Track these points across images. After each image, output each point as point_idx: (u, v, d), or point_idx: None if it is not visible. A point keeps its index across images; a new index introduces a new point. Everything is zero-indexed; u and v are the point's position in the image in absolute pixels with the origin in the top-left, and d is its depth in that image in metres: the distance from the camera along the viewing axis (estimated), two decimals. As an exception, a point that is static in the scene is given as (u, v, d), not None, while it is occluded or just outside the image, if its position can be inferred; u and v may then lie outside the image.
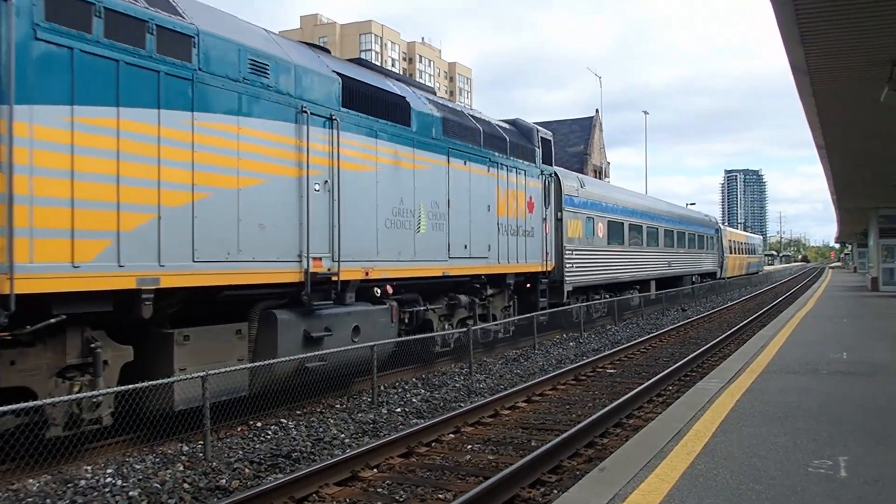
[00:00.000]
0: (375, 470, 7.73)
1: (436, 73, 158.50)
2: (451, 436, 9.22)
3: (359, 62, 13.63)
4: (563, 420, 10.09)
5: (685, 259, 34.64)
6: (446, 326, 14.70)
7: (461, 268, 14.41)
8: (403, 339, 12.79)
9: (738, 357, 11.74)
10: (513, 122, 18.32)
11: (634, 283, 27.06)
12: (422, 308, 13.75)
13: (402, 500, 6.82)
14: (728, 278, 46.34)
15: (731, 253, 48.52)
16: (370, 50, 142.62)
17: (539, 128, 18.50)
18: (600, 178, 58.30)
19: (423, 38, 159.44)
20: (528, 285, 17.98)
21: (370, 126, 11.92)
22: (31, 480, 7.17)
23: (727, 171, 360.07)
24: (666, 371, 13.13)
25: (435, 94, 15.67)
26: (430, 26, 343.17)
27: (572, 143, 56.72)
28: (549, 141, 19.02)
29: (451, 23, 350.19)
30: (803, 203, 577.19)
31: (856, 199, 31.04)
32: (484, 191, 15.37)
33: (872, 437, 6.37)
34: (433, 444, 8.83)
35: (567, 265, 19.97)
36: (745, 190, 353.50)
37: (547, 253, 18.34)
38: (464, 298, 15.03)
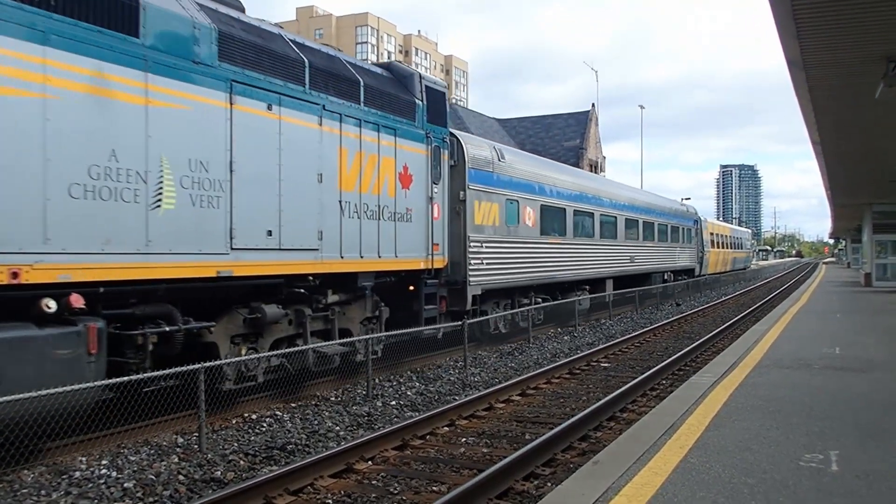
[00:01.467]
0: (370, 462, 7.76)
1: (432, 66, 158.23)
2: (446, 429, 9.25)
3: None
4: (558, 413, 10.13)
5: (654, 254, 29.70)
6: (244, 352, 9.96)
7: (261, 264, 9.78)
8: (114, 380, 7.64)
9: (732, 352, 11.79)
10: (386, 66, 13.96)
11: (583, 282, 22.13)
12: (177, 328, 8.74)
13: (396, 492, 6.85)
14: (709, 275, 41.58)
15: (713, 247, 43.64)
16: (366, 42, 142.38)
17: (425, 74, 14.14)
18: (595, 173, 58.39)
19: (419, 31, 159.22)
20: (413, 288, 13.63)
21: (25, 22, 7.10)
22: (25, 472, 7.18)
23: (722, 167, 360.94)
24: (659, 365, 13.18)
25: (243, 10, 10.70)
26: (428, 21, 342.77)
27: (568, 138, 56.75)
28: (442, 93, 14.35)
29: (449, 18, 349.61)
30: (798, 198, 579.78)
31: (850, 195, 31.14)
32: (312, 152, 10.72)
33: (864, 432, 6.42)
34: (428, 436, 8.86)
35: (473, 261, 15.05)
36: (741, 185, 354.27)
37: (436, 244, 13.73)
38: (272, 310, 10.14)
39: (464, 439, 8.79)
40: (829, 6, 8.84)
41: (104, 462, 7.59)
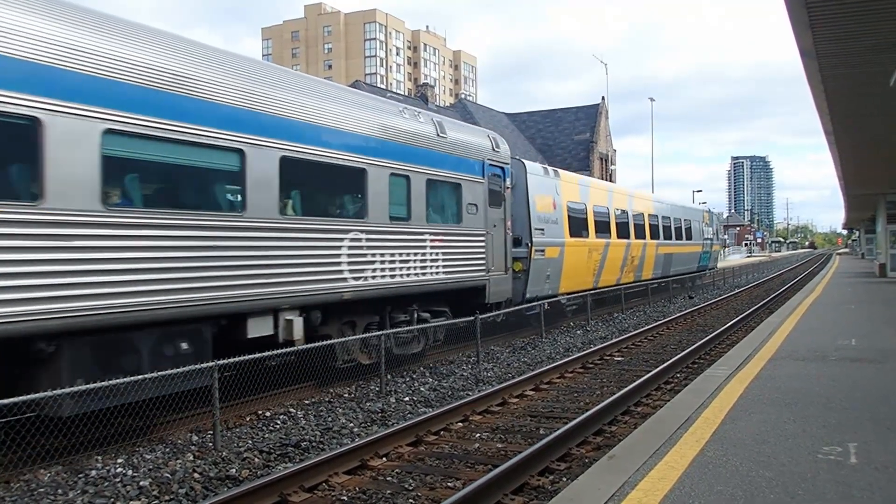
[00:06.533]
0: (384, 459, 7.75)
1: (440, 62, 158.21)
2: (460, 424, 9.23)
3: None
4: (572, 408, 10.09)
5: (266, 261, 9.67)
6: None
7: None
8: None
9: (746, 344, 11.72)
10: None
11: None
12: None
13: (411, 488, 6.84)
14: (572, 296, 20.59)
15: (590, 236, 21.86)
16: (374, 39, 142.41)
17: None
18: (606, 166, 58.21)
19: (427, 27, 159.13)
20: None
21: None
22: (42, 471, 7.22)
23: (734, 158, 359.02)
24: (674, 358, 13.11)
25: None
26: (442, 20, 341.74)
27: (578, 131, 56.61)
28: None
29: (462, 16, 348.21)
30: (811, 190, 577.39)
31: (864, 185, 30.91)
32: None
33: (882, 424, 6.35)
34: (442, 432, 8.84)
35: None
36: (752, 177, 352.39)
37: None
38: None
39: (478, 435, 8.77)
40: (841, -6, 8.76)
41: (119, 460, 7.62)
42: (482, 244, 14.89)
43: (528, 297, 17.85)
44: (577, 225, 21.16)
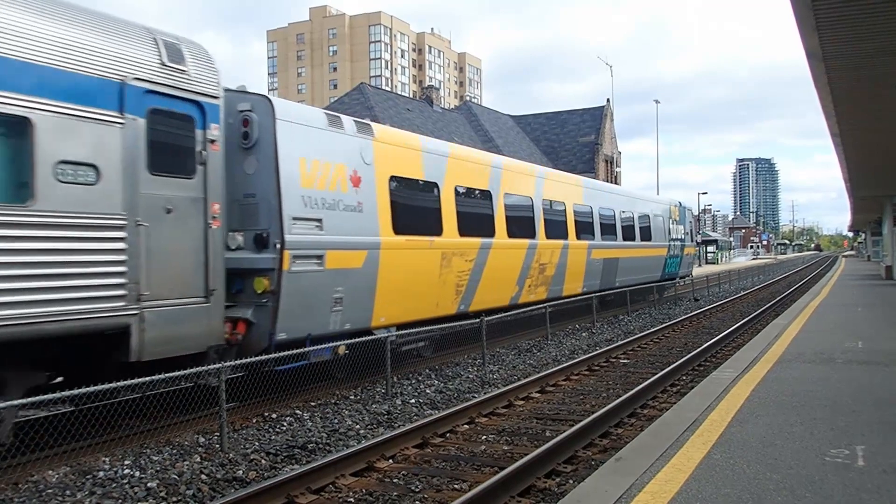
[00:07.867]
0: (391, 461, 7.76)
1: (445, 64, 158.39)
2: (466, 426, 9.24)
3: None
4: (578, 410, 10.09)
5: None
6: None
7: None
8: None
9: (753, 346, 11.70)
10: None
11: None
12: None
13: (417, 490, 6.85)
14: (399, 333, 12.28)
15: (414, 232, 12.67)
16: (379, 41, 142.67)
17: None
18: (611, 168, 58.16)
19: (432, 29, 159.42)
20: None
21: None
22: (50, 472, 7.24)
23: (739, 160, 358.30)
24: (680, 361, 13.10)
25: None
26: (447, 21, 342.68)
27: (583, 133, 56.62)
28: None
29: (468, 18, 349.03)
30: (816, 192, 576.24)
31: (870, 187, 30.80)
32: None
33: (890, 426, 6.34)
34: (448, 434, 8.85)
35: None
36: (758, 179, 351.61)
37: None
38: None
39: (484, 437, 8.78)
40: (848, -4, 8.75)
41: (127, 462, 7.64)
42: (116, 246, 7.80)
43: (285, 339, 9.89)
44: (416, 215, 13.09)
